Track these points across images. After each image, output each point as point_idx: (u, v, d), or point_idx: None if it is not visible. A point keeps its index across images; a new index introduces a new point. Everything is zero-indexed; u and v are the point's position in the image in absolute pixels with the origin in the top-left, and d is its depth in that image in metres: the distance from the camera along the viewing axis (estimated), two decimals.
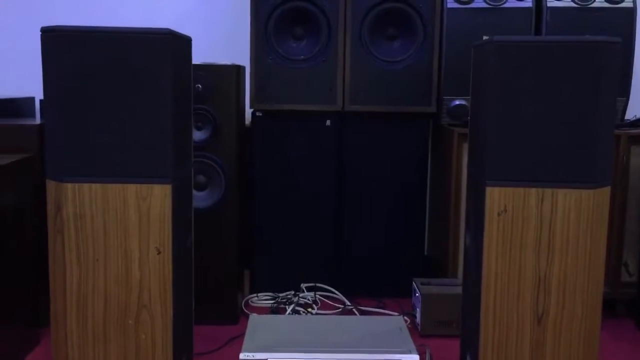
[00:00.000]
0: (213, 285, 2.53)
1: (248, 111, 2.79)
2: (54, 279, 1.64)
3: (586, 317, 1.67)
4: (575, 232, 1.63)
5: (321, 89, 2.73)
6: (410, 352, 1.78)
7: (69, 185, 1.58)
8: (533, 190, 1.63)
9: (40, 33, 1.58)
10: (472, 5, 2.67)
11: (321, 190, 2.83)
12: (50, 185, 1.62)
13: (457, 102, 2.73)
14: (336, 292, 2.79)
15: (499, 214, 1.65)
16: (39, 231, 2.24)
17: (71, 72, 1.55)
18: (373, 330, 1.94)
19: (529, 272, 1.66)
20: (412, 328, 2.48)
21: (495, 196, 1.65)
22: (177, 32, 1.63)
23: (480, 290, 1.68)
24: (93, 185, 1.58)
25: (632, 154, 2.57)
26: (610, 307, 2.62)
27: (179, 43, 1.65)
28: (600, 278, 1.69)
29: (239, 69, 2.55)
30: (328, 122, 2.79)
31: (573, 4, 2.65)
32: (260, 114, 2.77)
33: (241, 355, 1.77)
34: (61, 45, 1.54)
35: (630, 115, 2.78)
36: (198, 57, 2.23)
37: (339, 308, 2.71)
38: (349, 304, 2.73)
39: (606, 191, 1.67)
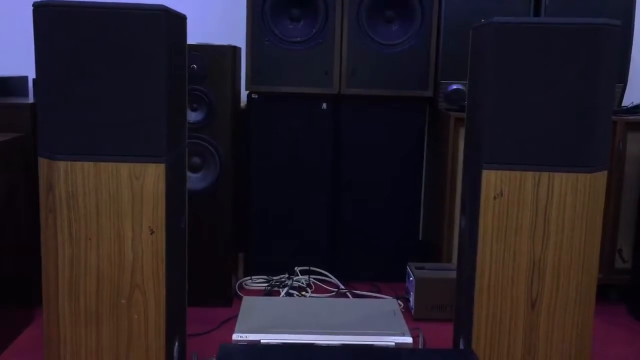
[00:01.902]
0: (207, 268, 2.52)
1: (244, 93, 2.77)
2: (46, 258, 1.63)
3: (580, 302, 1.67)
4: (571, 216, 1.62)
5: (318, 72, 2.70)
6: (403, 334, 1.78)
7: (62, 164, 1.56)
8: (529, 174, 1.62)
9: (32, 9, 1.55)
10: None
11: (317, 174, 2.82)
12: (43, 163, 1.60)
13: (455, 87, 2.72)
14: (330, 275, 2.79)
15: (495, 198, 1.64)
16: (31, 211, 2.23)
17: (64, 48, 1.52)
18: (367, 313, 1.93)
19: (524, 257, 1.65)
20: (406, 312, 2.49)
21: (492, 180, 1.64)
22: (172, 9, 1.60)
23: (475, 274, 1.68)
24: (86, 163, 1.57)
25: (628, 140, 2.56)
26: (604, 293, 2.63)
27: (173, 20, 1.62)
28: (595, 263, 1.69)
29: (235, 50, 2.52)
30: (324, 106, 2.77)
31: None
32: (256, 96, 2.75)
33: (234, 336, 1.76)
34: (53, 21, 1.52)
35: (627, 102, 2.77)
36: (194, 37, 2.21)
37: (333, 292, 2.71)
38: (342, 287, 2.73)
39: (603, 175, 1.66)
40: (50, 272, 1.62)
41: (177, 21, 1.67)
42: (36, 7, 1.54)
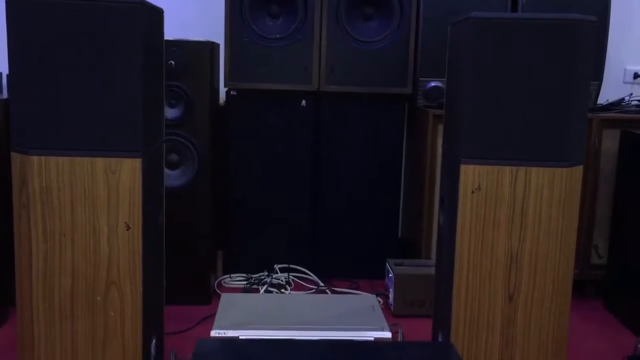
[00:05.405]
0: (185, 265, 2.50)
1: (222, 90, 2.75)
2: (20, 255, 1.60)
3: (557, 295, 1.68)
4: (548, 210, 1.64)
5: (297, 69, 2.70)
6: (382, 329, 1.78)
7: (35, 158, 1.54)
8: (507, 169, 1.63)
9: (4, 1, 1.52)
10: None
11: (296, 171, 2.81)
12: (15, 158, 1.57)
13: (433, 84, 2.73)
14: (309, 273, 2.78)
15: (473, 192, 1.65)
16: (5, 207, 2.18)
17: (37, 42, 1.49)
18: (346, 309, 1.93)
19: (502, 251, 1.66)
20: (385, 309, 2.49)
21: (470, 174, 1.64)
22: (149, 3, 1.59)
23: (453, 267, 1.68)
24: (60, 158, 1.54)
25: (603, 137, 2.59)
26: (580, 289, 2.66)
27: (150, 14, 1.60)
28: (571, 256, 1.71)
29: (213, 46, 2.51)
30: (303, 102, 2.77)
31: None
32: (235, 93, 2.73)
33: (212, 332, 1.75)
34: (26, 14, 1.49)
35: (602, 99, 2.80)
36: (171, 32, 2.19)
37: (312, 289, 2.70)
38: (322, 284, 2.72)
39: (579, 170, 1.68)
40: (24, 269, 1.59)
41: (154, 14, 1.66)
42: (9, 0, 1.52)
